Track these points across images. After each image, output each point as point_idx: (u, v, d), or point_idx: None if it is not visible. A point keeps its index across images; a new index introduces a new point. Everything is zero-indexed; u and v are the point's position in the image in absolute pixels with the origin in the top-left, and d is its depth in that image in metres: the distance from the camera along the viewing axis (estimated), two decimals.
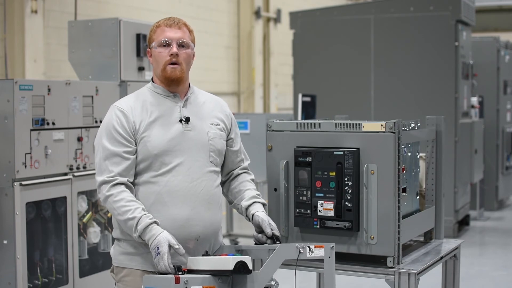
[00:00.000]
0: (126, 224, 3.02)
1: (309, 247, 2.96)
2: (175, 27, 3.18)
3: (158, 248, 2.91)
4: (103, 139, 3.11)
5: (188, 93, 3.25)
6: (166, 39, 3.15)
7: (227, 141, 3.31)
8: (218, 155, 3.24)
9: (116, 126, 3.10)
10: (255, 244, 3.22)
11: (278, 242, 3.15)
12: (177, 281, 2.80)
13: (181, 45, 3.17)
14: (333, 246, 2.99)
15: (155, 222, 2.99)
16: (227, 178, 3.38)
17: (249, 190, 3.32)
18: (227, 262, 2.85)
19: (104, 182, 3.07)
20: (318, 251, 2.98)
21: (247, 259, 2.87)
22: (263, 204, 3.29)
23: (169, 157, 3.10)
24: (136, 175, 3.13)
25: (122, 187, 3.06)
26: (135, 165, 3.11)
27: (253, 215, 3.22)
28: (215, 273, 2.87)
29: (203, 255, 3.01)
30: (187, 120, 3.17)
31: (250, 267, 2.87)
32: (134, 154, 3.10)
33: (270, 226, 3.17)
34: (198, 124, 3.20)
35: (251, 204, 3.26)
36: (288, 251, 2.96)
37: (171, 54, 3.14)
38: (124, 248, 3.16)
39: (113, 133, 3.10)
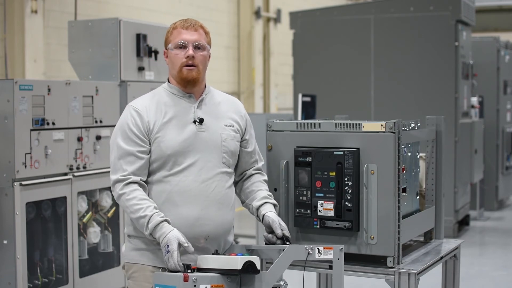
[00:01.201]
0: (138, 222, 3.07)
1: (318, 248, 2.98)
2: (192, 29, 3.21)
3: (168, 246, 2.95)
4: (118, 139, 3.16)
5: (203, 93, 3.27)
6: (182, 41, 3.19)
7: (241, 142, 3.33)
8: (231, 156, 3.26)
9: (130, 125, 3.15)
10: (266, 244, 3.23)
11: (288, 243, 3.16)
12: (185, 279, 2.82)
13: (197, 47, 3.20)
14: (342, 248, 3.01)
15: (165, 220, 3.04)
16: (240, 178, 3.40)
17: (261, 191, 3.34)
18: (236, 262, 2.87)
19: (118, 181, 3.12)
20: (327, 253, 2.99)
21: (255, 259, 2.89)
22: (274, 205, 3.30)
23: (181, 158, 3.14)
24: (149, 174, 3.17)
25: (135, 186, 3.11)
26: (148, 164, 3.16)
27: (263, 215, 3.24)
28: (224, 272, 2.89)
29: (212, 254, 3.03)
30: (201, 121, 3.19)
31: (258, 267, 2.89)
32: (148, 154, 3.15)
33: (280, 226, 3.19)
34: (212, 125, 3.22)
35: (262, 205, 3.28)
36: (297, 252, 2.98)
37: (187, 57, 3.17)
38: (135, 244, 3.20)
39: (127, 132, 3.15)
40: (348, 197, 3.27)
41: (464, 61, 8.91)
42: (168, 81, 3.30)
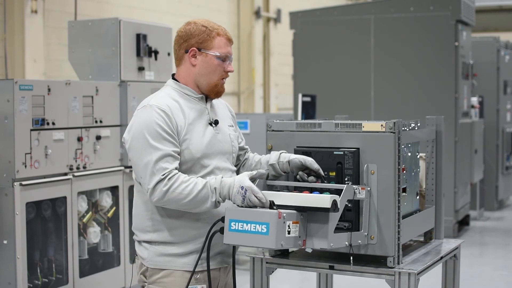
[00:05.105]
0: (199, 196, 2.97)
1: (359, 189, 3.12)
2: (231, 42, 3.22)
3: (242, 188, 2.93)
4: (150, 140, 3.01)
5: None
6: (230, 56, 3.18)
7: None
8: (236, 155, 3.32)
9: (162, 125, 3.03)
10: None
11: (326, 181, 3.21)
12: (280, 215, 2.80)
13: None
14: (370, 189, 3.17)
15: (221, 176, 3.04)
16: (241, 165, 3.44)
17: (264, 155, 3.37)
18: (325, 201, 2.90)
19: (160, 181, 2.97)
20: (362, 193, 3.14)
21: (337, 198, 2.94)
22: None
23: (207, 160, 3.13)
24: None
25: (177, 174, 3.00)
26: None
27: (289, 161, 3.25)
28: (303, 209, 2.92)
29: (276, 191, 3.07)
30: (216, 122, 3.21)
31: (339, 206, 2.95)
32: (179, 155, 3.07)
33: (314, 163, 3.21)
34: (222, 127, 3.25)
35: (279, 156, 3.29)
36: (349, 192, 3.07)
37: (229, 71, 3.18)
38: (161, 250, 3.10)
39: (160, 132, 3.02)
40: None
41: (464, 61, 8.91)
42: (175, 80, 3.22)
